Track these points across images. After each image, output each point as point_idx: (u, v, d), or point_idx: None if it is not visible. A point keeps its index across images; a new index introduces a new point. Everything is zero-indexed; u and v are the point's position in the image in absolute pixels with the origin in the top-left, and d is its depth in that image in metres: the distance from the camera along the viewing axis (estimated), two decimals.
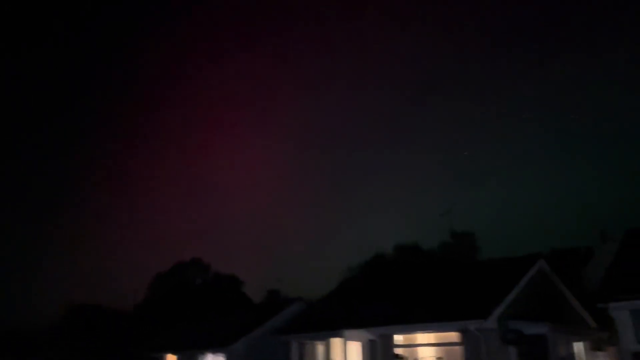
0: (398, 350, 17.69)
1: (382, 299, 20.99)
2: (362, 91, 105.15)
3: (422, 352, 17.39)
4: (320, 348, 20.64)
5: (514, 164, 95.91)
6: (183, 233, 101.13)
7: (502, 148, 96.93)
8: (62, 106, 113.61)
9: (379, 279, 25.41)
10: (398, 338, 18.04)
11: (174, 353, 28.95)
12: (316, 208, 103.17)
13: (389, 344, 17.97)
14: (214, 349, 25.89)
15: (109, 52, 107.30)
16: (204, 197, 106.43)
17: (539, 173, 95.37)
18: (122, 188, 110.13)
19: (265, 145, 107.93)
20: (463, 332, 15.68)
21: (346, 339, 18.35)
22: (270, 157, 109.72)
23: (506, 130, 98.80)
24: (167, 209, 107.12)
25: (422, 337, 17.83)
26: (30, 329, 61.11)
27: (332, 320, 20.28)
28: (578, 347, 17.73)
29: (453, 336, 16.19)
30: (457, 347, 16.11)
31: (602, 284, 22.92)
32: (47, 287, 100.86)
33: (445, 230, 36.34)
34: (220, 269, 60.63)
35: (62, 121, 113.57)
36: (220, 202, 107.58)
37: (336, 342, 19.31)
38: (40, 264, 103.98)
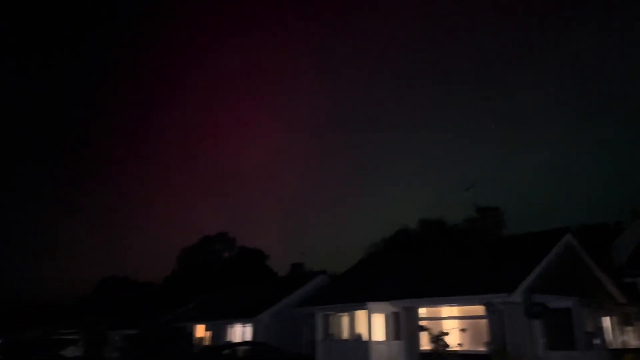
0: (422, 323, 17.80)
1: (406, 272, 21.08)
2: (385, 68, 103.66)
3: (446, 324, 17.45)
4: (344, 320, 20.92)
5: (542, 138, 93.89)
6: (209, 208, 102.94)
7: (529, 121, 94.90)
8: (101, 95, 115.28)
9: (402, 253, 25.48)
10: (422, 311, 18.13)
11: (202, 323, 29.77)
12: (340, 184, 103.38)
13: (413, 317, 18.10)
14: (241, 320, 26.53)
15: (137, 37, 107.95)
16: (231, 175, 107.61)
17: (569, 148, 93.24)
18: (151, 168, 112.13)
19: (290, 124, 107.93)
20: (488, 305, 15.65)
21: (370, 311, 18.55)
22: (295, 136, 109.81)
23: (532, 103, 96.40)
24: (194, 185, 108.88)
25: (446, 310, 17.87)
26: (65, 301, 63.64)
27: (356, 293, 20.51)
28: (606, 322, 17.52)
29: (478, 310, 16.18)
30: (481, 321, 16.11)
31: (631, 259, 22.60)
32: (80, 262, 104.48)
33: (470, 205, 36.08)
34: (245, 243, 61.74)
35: (90, 108, 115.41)
36: (245, 179, 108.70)
37: (360, 314, 19.55)
38: (74, 239, 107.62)
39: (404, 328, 18.45)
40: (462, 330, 16.92)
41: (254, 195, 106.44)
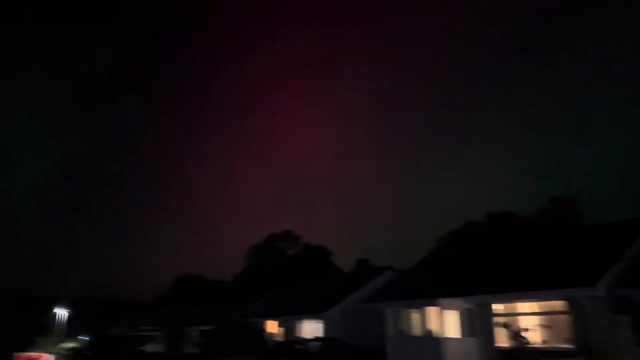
0: (498, 319, 17.29)
1: (477, 267, 20.54)
2: (448, 54, 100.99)
3: (524, 321, 16.83)
4: (415, 316, 20.69)
5: (620, 122, 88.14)
6: (275, 207, 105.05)
7: (605, 104, 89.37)
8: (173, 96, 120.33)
9: (471, 247, 24.81)
10: (497, 307, 17.61)
11: (273, 319, 30.47)
12: (404, 178, 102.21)
13: (488, 313, 17.62)
14: (311, 316, 26.92)
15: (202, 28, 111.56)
16: (293, 172, 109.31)
17: None
18: (218, 169, 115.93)
19: (352, 118, 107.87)
20: (569, 300, 14.96)
21: (442, 307, 18.24)
22: (357, 130, 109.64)
23: (608, 84, 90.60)
24: (260, 184, 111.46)
25: (522, 306, 17.24)
26: (144, 299, 67.29)
27: (427, 289, 20.23)
28: None
29: (557, 305, 15.51)
30: (562, 316, 15.43)
31: None
32: (155, 261, 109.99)
33: (543, 196, 34.61)
34: (310, 240, 62.49)
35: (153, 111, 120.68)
36: (308, 177, 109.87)
37: (432, 311, 19.26)
38: (149, 240, 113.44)
39: (478, 324, 18.01)
40: (544, 326, 16.26)
41: (317, 192, 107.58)
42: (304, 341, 22.49)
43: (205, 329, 29.34)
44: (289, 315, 28.99)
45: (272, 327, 30.47)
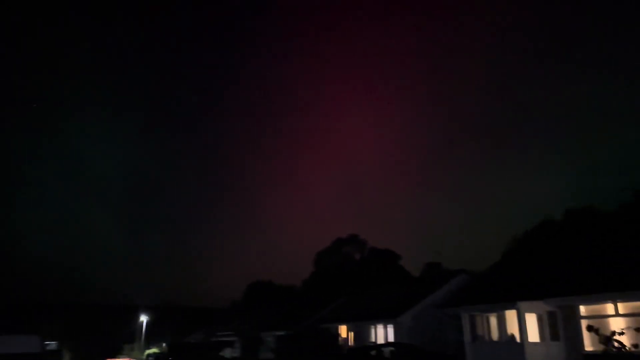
0: (584, 322, 16.35)
1: (557, 267, 19.55)
2: (517, 53, 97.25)
3: (615, 323, 15.79)
4: (493, 320, 20.02)
5: None
6: (341, 211, 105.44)
7: None
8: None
9: (550, 246, 23.64)
10: (584, 309, 16.66)
11: (345, 324, 30.56)
12: (473, 177, 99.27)
13: (574, 316, 16.70)
14: (383, 321, 26.73)
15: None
16: (358, 176, 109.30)
17: None
18: (283, 176, 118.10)
19: (417, 119, 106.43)
20: None
21: (522, 310, 17.52)
22: (421, 130, 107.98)
23: None
24: (325, 189, 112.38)
25: (610, 307, 16.19)
26: (217, 305, 69.61)
27: (504, 292, 19.51)
28: None
29: None
30: None
31: None
32: (228, 269, 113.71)
33: (626, 190, 32.35)
34: (376, 244, 62.10)
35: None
36: (373, 180, 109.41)
37: (510, 314, 18.55)
38: (222, 249, 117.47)
39: (563, 328, 17.14)
40: (635, 329, 15.19)
41: (382, 196, 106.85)
42: (378, 346, 22.35)
43: (280, 335, 29.88)
44: (362, 321, 28.94)
45: (345, 332, 30.55)
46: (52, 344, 42.04)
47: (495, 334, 19.79)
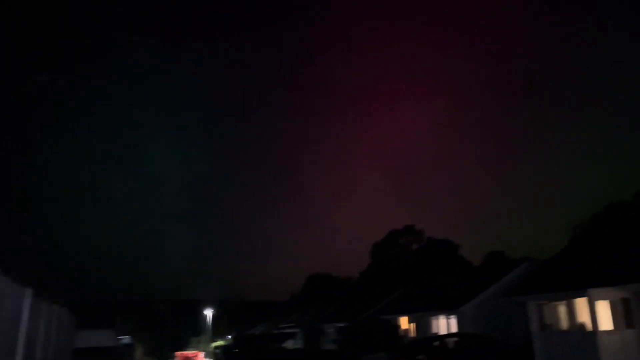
0: None
1: (631, 251, 18.65)
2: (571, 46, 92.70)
3: None
4: (561, 309, 19.43)
5: None
6: (396, 203, 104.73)
7: None
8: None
9: (620, 230, 22.55)
10: None
11: (405, 315, 30.49)
12: (530, 163, 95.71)
13: None
14: (445, 311, 26.47)
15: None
16: (412, 167, 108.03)
17: None
18: (337, 169, 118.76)
19: (468, 107, 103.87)
20: None
21: (593, 298, 16.89)
22: (473, 116, 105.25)
23: None
24: (379, 182, 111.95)
25: None
26: (278, 299, 71.14)
27: (573, 278, 18.84)
28: None
29: None
30: None
31: None
32: (287, 263, 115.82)
33: None
34: (433, 234, 61.28)
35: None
36: (427, 170, 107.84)
37: (580, 302, 17.94)
38: (281, 244, 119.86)
39: (639, 315, 16.39)
40: None
41: (440, 186, 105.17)
42: (441, 337, 22.19)
43: (340, 326, 30.19)
44: (422, 312, 28.77)
45: (405, 323, 30.49)
46: (125, 339, 44.50)
47: (564, 323, 19.21)
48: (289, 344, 35.53)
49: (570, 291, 17.82)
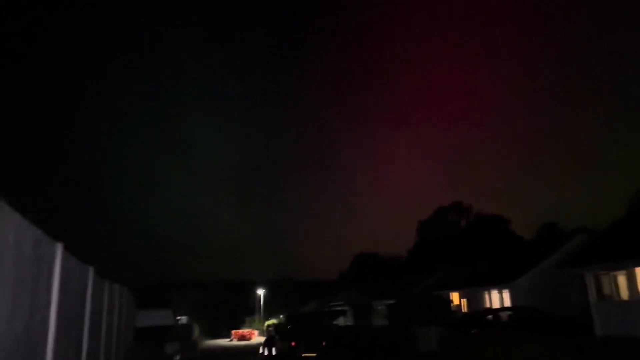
0: None
1: None
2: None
3: None
4: (621, 279, 18.66)
5: None
6: (441, 180, 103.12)
7: None
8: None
9: None
10: None
11: (456, 290, 30.20)
12: (585, 128, 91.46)
13: None
14: (498, 286, 26.04)
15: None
16: (458, 143, 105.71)
17: None
18: (383, 148, 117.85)
19: (513, 79, 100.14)
20: None
21: None
22: (518, 86, 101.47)
23: None
24: (425, 157, 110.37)
25: None
26: (326, 277, 72.05)
27: (634, 247, 18.07)
28: None
29: None
30: None
31: None
32: (335, 242, 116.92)
33: None
34: (482, 209, 60.08)
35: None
36: (472, 144, 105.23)
37: None
38: (328, 224, 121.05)
39: None
40: None
41: (487, 161, 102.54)
42: (495, 311, 21.86)
43: (390, 303, 30.27)
44: (474, 286, 28.41)
45: (454, 298, 30.21)
46: (182, 318, 46.41)
47: (624, 294, 18.48)
48: (340, 321, 35.98)
49: (631, 260, 17.09)
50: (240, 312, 54.24)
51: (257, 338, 44.70)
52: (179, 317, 44.89)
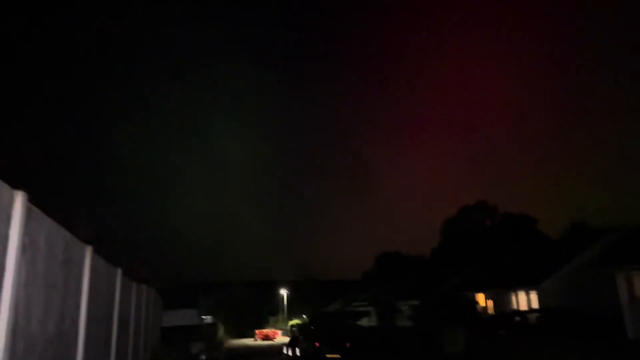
0: None
1: None
2: None
3: None
4: None
5: None
6: (465, 177, 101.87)
7: None
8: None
9: None
10: None
11: (481, 291, 29.74)
12: (609, 132, 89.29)
13: None
14: (525, 287, 25.57)
15: None
16: (482, 143, 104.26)
17: None
18: (407, 149, 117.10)
19: (536, 77, 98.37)
20: None
21: None
22: (543, 86, 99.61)
23: None
24: (449, 158, 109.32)
25: None
26: (350, 277, 71.93)
27: None
28: None
29: None
30: None
31: None
32: (358, 243, 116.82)
33: None
34: (508, 209, 59.09)
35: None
36: (497, 142, 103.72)
37: None
38: (352, 224, 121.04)
39: None
40: None
41: (513, 161, 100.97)
42: (522, 313, 21.48)
43: (415, 303, 29.99)
44: (499, 287, 27.94)
45: (480, 299, 29.76)
46: (207, 318, 46.91)
47: None
48: (364, 322, 35.85)
49: None
50: (265, 312, 54.58)
51: (281, 338, 44.90)
52: (204, 317, 45.42)
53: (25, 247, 3.44)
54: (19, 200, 3.30)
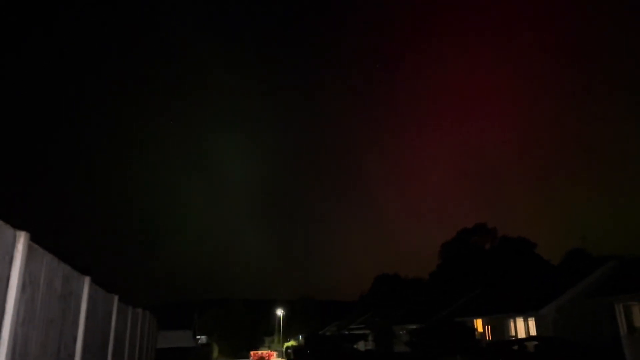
0: None
1: None
2: None
3: None
4: None
5: None
6: (465, 203, 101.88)
7: None
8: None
9: None
10: None
11: (480, 317, 29.47)
12: (609, 159, 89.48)
13: None
14: (523, 314, 25.33)
15: None
16: (480, 165, 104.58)
17: None
18: (404, 172, 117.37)
19: (544, 92, 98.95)
20: None
21: None
22: (541, 111, 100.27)
23: None
24: (447, 181, 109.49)
25: None
26: (347, 299, 71.35)
27: None
28: None
29: None
30: None
31: None
32: (356, 264, 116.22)
33: None
34: (507, 232, 58.87)
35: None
36: (497, 168, 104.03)
37: None
38: (349, 246, 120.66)
39: None
40: None
41: (513, 185, 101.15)
42: (520, 341, 21.26)
43: (413, 328, 29.70)
44: (497, 314, 27.71)
45: (478, 325, 29.49)
46: (202, 338, 46.31)
47: None
48: (361, 346, 35.45)
49: None
50: (260, 332, 53.97)
51: None
52: (199, 337, 44.84)
53: (25, 285, 3.45)
54: (22, 241, 3.32)
